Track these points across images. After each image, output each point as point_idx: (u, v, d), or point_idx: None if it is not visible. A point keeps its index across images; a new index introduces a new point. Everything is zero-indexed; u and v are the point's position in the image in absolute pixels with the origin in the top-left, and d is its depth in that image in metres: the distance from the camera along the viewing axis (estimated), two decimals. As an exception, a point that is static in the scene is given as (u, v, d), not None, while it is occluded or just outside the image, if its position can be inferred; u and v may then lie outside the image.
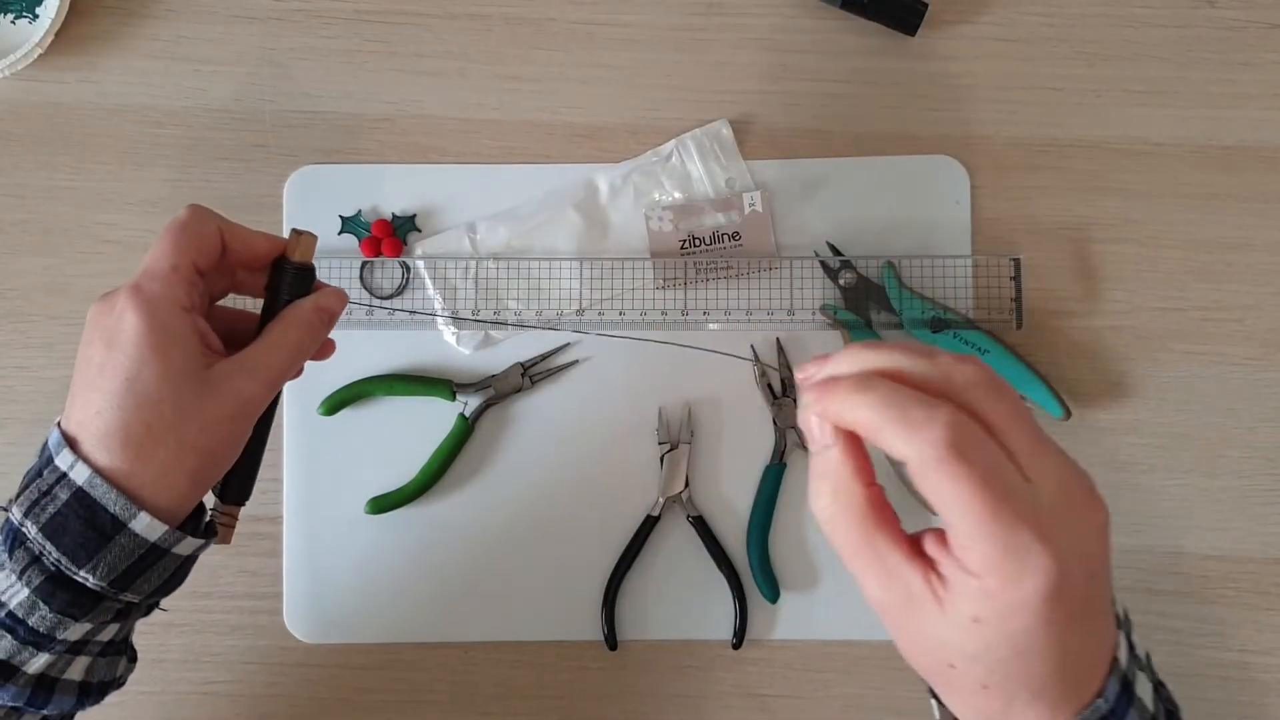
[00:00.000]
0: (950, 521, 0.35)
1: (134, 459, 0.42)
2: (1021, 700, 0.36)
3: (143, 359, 0.42)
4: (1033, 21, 0.65)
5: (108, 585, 0.43)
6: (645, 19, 0.65)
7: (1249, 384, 0.64)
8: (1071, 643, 0.36)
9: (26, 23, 0.64)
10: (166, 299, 0.43)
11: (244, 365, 0.45)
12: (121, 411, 0.42)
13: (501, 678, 0.64)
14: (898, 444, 0.35)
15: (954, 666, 0.37)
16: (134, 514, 0.42)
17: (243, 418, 0.45)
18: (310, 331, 0.47)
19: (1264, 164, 0.65)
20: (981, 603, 0.35)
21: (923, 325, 0.62)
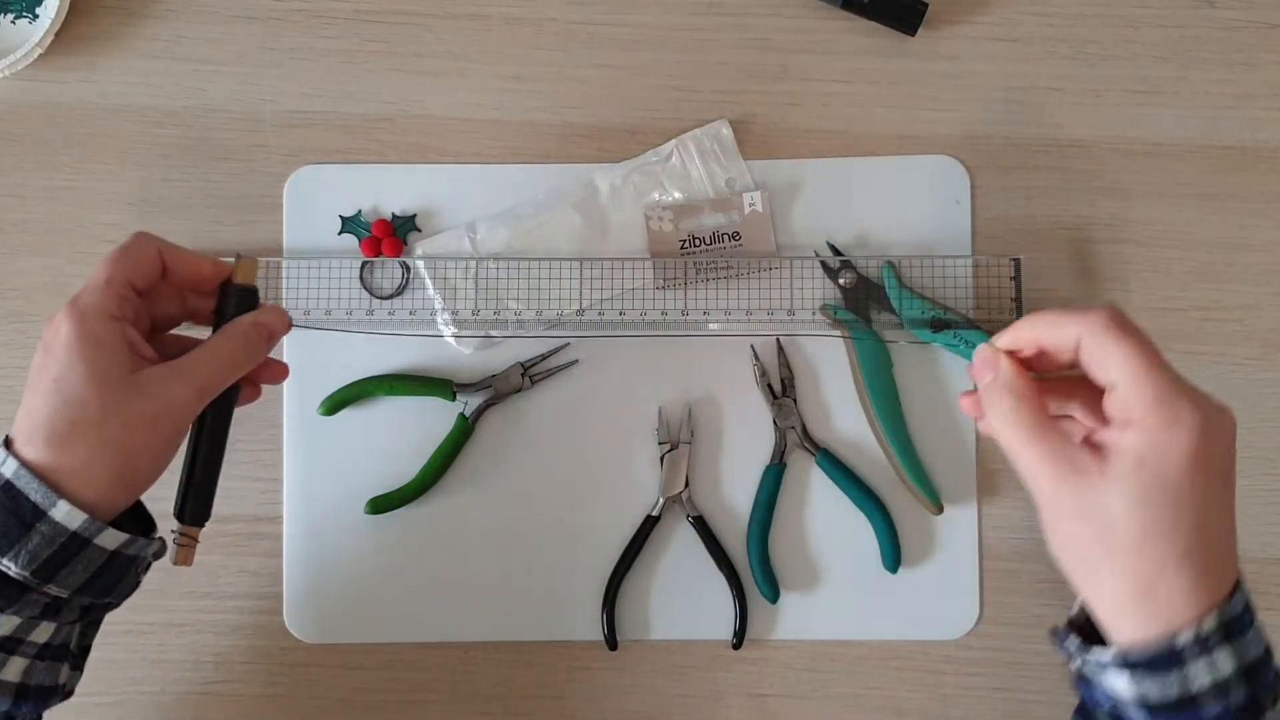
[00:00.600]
0: (1116, 379, 0.42)
1: (57, 453, 0.45)
2: (1172, 561, 0.41)
3: (69, 362, 0.46)
4: (1033, 21, 0.65)
5: (30, 575, 0.45)
6: (645, 19, 0.65)
7: (1249, 384, 0.64)
8: (1211, 509, 0.42)
9: (26, 23, 0.64)
10: (95, 308, 0.47)
11: (174, 370, 0.48)
12: (48, 409, 0.45)
13: (501, 678, 0.64)
14: (1072, 326, 0.43)
15: (1113, 530, 0.42)
16: (54, 502, 0.45)
17: (167, 419, 0.47)
18: (245, 345, 0.50)
19: (1264, 164, 0.65)
20: (1142, 446, 0.41)
21: (923, 325, 0.62)
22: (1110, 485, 0.42)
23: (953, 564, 0.63)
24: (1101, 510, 0.42)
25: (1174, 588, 0.41)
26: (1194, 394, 0.42)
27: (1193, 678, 0.41)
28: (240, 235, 0.64)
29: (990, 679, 0.63)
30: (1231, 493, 0.43)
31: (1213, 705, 0.41)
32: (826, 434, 0.64)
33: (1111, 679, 0.43)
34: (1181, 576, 0.41)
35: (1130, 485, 0.41)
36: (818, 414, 0.64)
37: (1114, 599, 0.43)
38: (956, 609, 0.64)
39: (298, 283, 0.64)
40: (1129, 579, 0.42)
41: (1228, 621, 0.42)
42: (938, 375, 0.64)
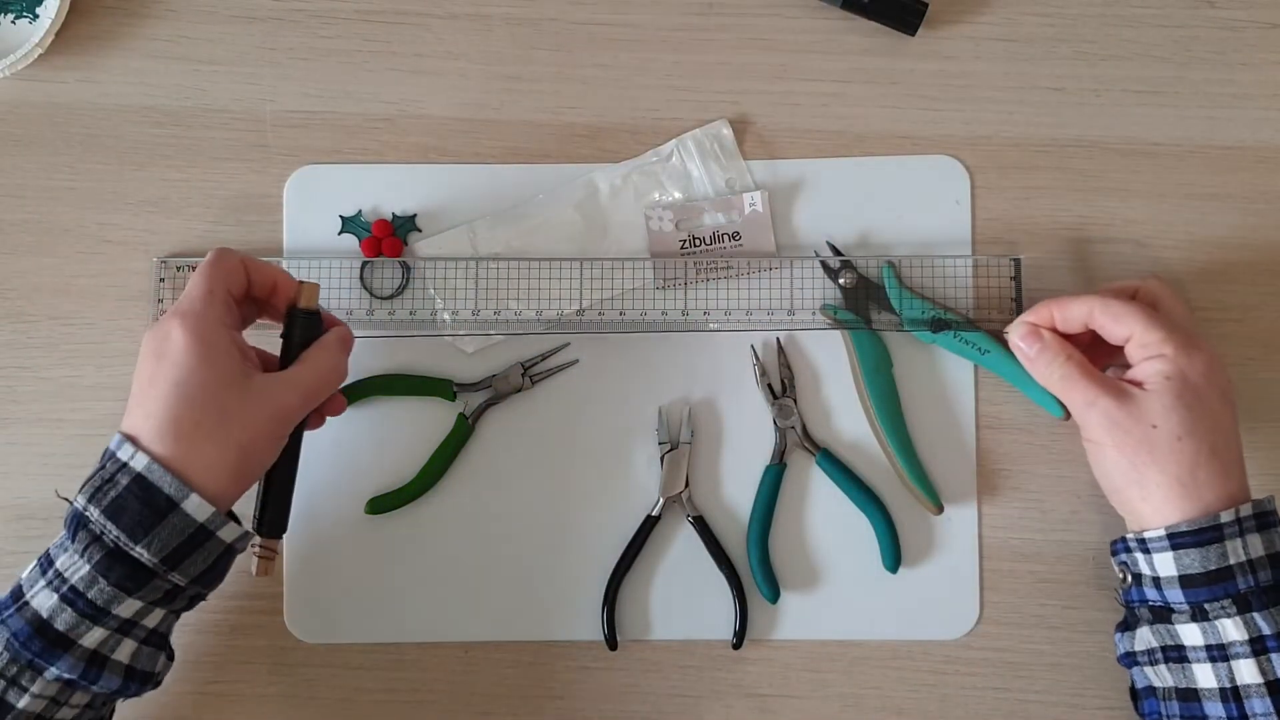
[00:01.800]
0: (1132, 329, 0.55)
1: (186, 449, 0.49)
2: (1205, 454, 0.53)
3: (190, 366, 0.50)
4: (1033, 21, 0.65)
5: (159, 561, 0.49)
6: (645, 19, 0.65)
7: (1249, 384, 0.64)
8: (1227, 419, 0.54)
9: (27, 23, 0.64)
10: (207, 316, 0.51)
11: (284, 379, 0.53)
12: (172, 410, 0.50)
13: (501, 678, 0.64)
14: (1084, 301, 0.56)
15: (1156, 427, 0.53)
16: (186, 495, 0.49)
17: (279, 422, 0.52)
18: (338, 356, 0.55)
19: (1264, 164, 0.65)
20: (1169, 367, 0.54)
21: (923, 325, 0.62)
22: (1151, 398, 0.53)
23: (953, 564, 0.63)
24: (1147, 418, 0.53)
25: (1209, 474, 0.53)
26: (1197, 337, 0.55)
27: (1230, 552, 0.51)
28: (240, 235, 0.64)
29: (990, 679, 0.63)
30: (1235, 415, 0.55)
31: (1243, 580, 0.51)
32: (826, 434, 0.64)
33: (1158, 562, 0.53)
34: (1213, 467, 0.53)
35: (1165, 395, 0.53)
36: (818, 414, 0.64)
37: (1162, 491, 0.53)
38: (956, 609, 0.64)
39: (298, 283, 0.63)
40: (1173, 469, 0.53)
41: (1261, 513, 0.53)
42: (938, 375, 0.64)
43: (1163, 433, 0.53)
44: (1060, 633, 0.63)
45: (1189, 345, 0.54)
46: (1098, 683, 0.63)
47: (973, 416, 0.64)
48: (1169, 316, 0.56)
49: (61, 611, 0.49)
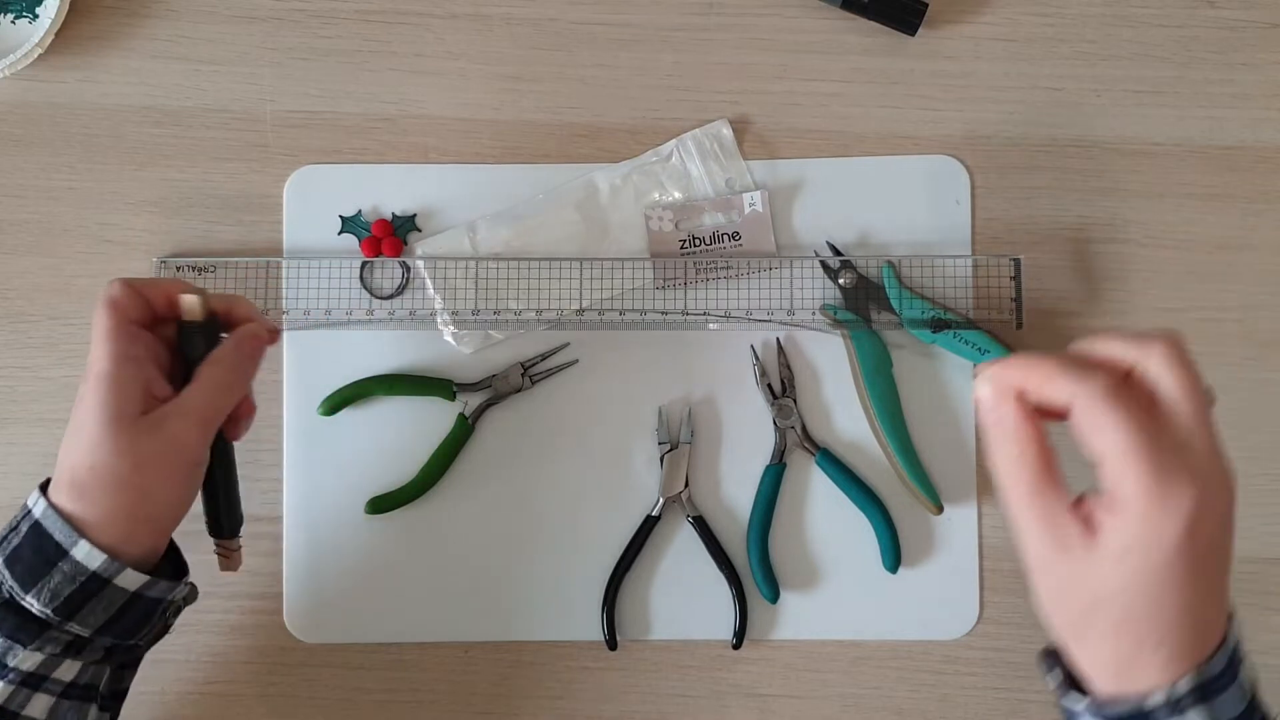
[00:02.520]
0: (1107, 453, 0.40)
1: (78, 498, 0.47)
2: (1149, 645, 0.41)
3: (89, 405, 0.47)
4: (1033, 21, 0.65)
5: (51, 612, 0.46)
6: (645, 19, 0.65)
7: (1249, 384, 0.64)
8: (1200, 587, 0.41)
9: (26, 23, 0.64)
10: (109, 351, 0.48)
11: (176, 408, 0.49)
12: (72, 455, 0.47)
13: (501, 678, 0.64)
14: (1067, 385, 0.41)
15: (1094, 609, 0.41)
16: (75, 541, 0.46)
17: (177, 456, 0.49)
18: (234, 369, 0.51)
19: (1264, 164, 0.65)
20: (1130, 531, 0.40)
21: (923, 325, 0.62)
22: (1095, 567, 0.41)
23: (953, 564, 0.63)
24: (1085, 588, 0.42)
25: (1151, 664, 0.41)
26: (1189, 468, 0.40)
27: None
28: (240, 235, 0.64)
29: (990, 679, 0.63)
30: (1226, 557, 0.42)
31: None
32: (826, 434, 0.64)
33: None
34: (1159, 655, 0.41)
35: (1114, 570, 0.41)
36: (818, 414, 0.64)
37: (1092, 663, 0.43)
38: (956, 609, 0.64)
39: (298, 283, 0.64)
40: (1107, 652, 0.42)
41: (1204, 683, 0.41)
42: (938, 375, 0.64)
43: (1102, 614, 0.41)
44: (1060, 633, 0.63)
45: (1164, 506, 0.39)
46: (1098, 683, 0.63)
47: (973, 416, 0.64)
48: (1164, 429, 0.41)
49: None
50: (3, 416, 0.64)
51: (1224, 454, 0.42)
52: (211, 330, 0.52)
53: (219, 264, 0.64)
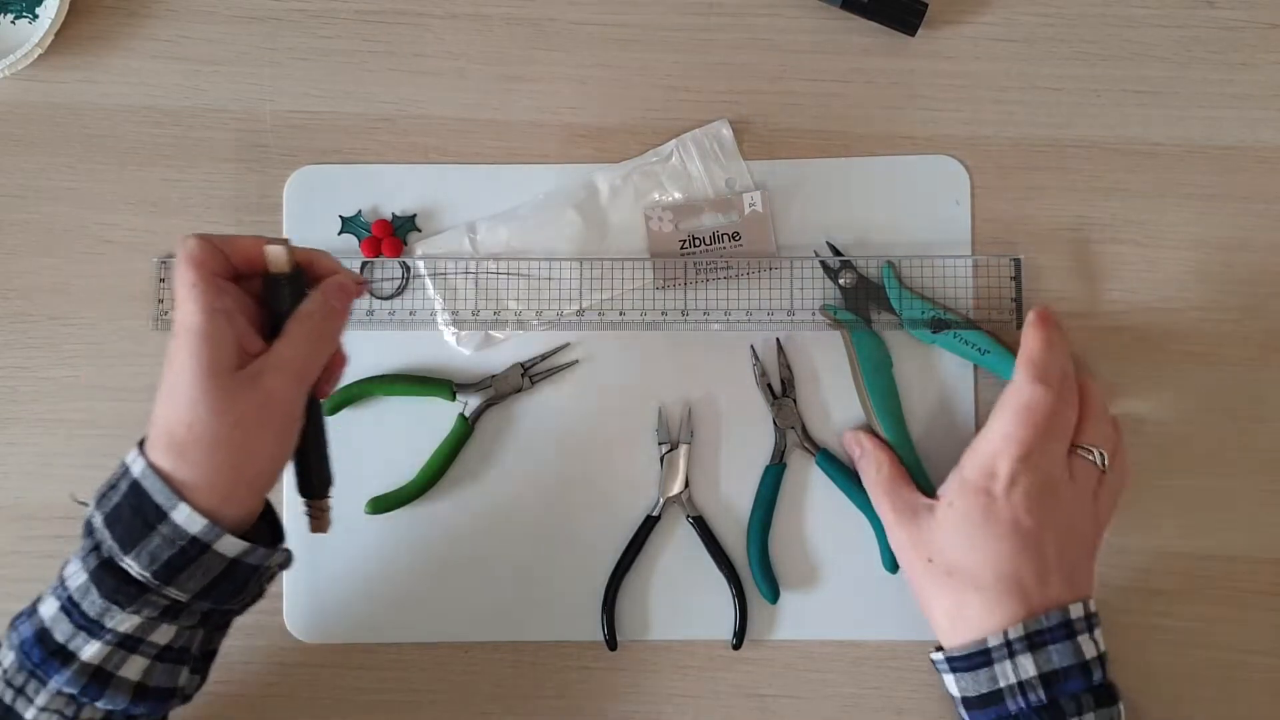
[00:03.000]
0: None
1: (177, 457, 0.46)
2: (969, 589, 0.53)
3: (182, 362, 0.46)
4: (1033, 21, 0.65)
5: (150, 575, 0.46)
6: (645, 19, 0.65)
7: (1248, 384, 0.64)
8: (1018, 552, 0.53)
9: (26, 23, 0.64)
10: (197, 306, 0.46)
11: (269, 362, 0.48)
12: (167, 414, 0.46)
13: (501, 678, 0.64)
14: None
15: (931, 560, 0.55)
16: (175, 504, 0.46)
17: (273, 412, 0.48)
18: (325, 321, 0.50)
19: (1263, 164, 0.65)
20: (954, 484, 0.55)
21: (923, 325, 0.62)
22: (933, 528, 0.56)
23: (952, 564, 0.63)
24: (927, 544, 0.56)
25: (974, 608, 0.53)
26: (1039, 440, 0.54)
27: (999, 675, 0.52)
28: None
29: (990, 679, 0.63)
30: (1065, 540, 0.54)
31: (1012, 701, 0.52)
32: (826, 434, 0.64)
33: (948, 682, 0.55)
34: (979, 600, 0.53)
35: (944, 528, 0.55)
36: (818, 414, 0.64)
37: (940, 616, 0.55)
38: (956, 609, 0.64)
39: (298, 283, 0.64)
40: (947, 599, 0.54)
41: (1032, 634, 0.52)
42: (938, 375, 0.64)
43: (938, 564, 0.55)
44: (1060, 633, 0.63)
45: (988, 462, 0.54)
46: (1097, 683, 0.63)
47: (972, 417, 0.64)
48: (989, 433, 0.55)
49: (60, 621, 0.47)
50: (3, 416, 0.64)
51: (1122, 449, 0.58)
52: (297, 283, 0.50)
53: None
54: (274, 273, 0.50)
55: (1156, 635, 0.63)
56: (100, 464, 0.63)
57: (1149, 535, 0.64)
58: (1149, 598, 0.63)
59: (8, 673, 0.48)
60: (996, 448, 0.54)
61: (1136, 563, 0.63)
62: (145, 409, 0.63)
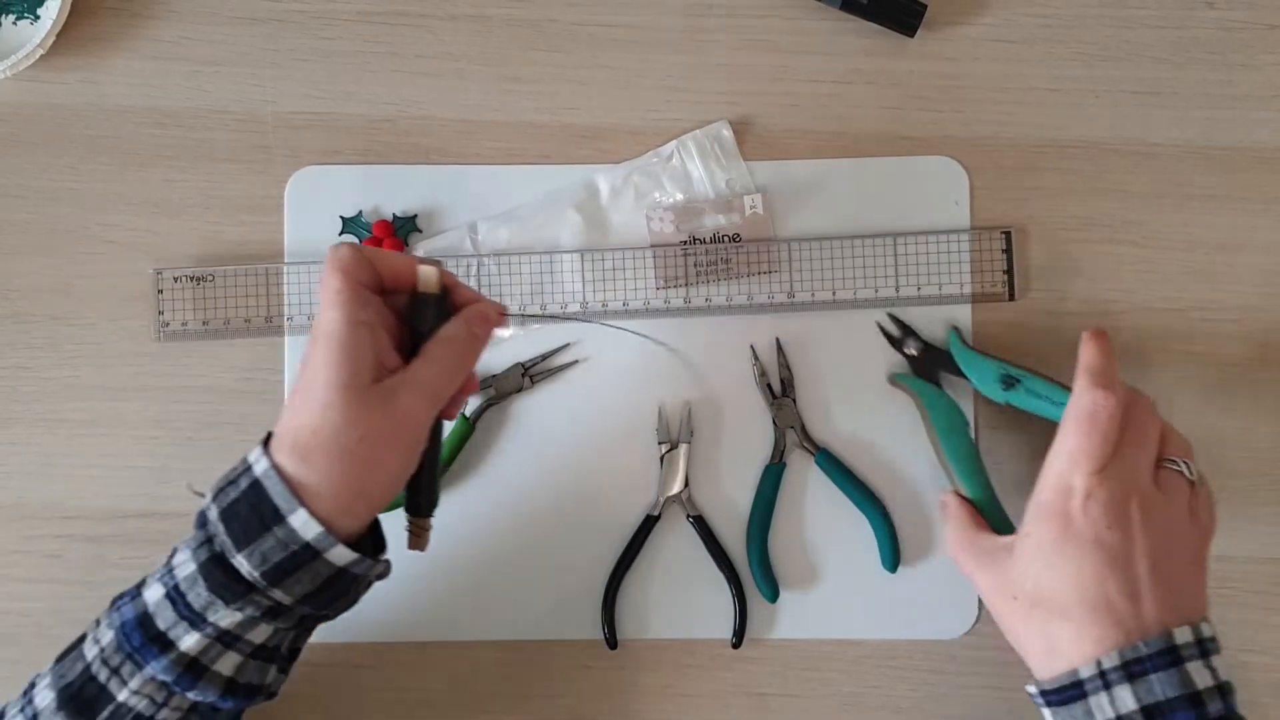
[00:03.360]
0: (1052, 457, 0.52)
1: (301, 461, 0.46)
2: (1056, 619, 0.50)
3: (318, 367, 0.46)
4: (1032, 22, 0.66)
5: (259, 575, 0.46)
6: (645, 19, 0.66)
7: (1247, 384, 0.64)
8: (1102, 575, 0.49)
9: (28, 24, 0.64)
10: (339, 315, 0.47)
11: (406, 381, 0.48)
12: (298, 417, 0.47)
13: (501, 678, 0.64)
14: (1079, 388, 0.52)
15: (1016, 598, 0.52)
16: (294, 509, 0.46)
17: (403, 430, 0.48)
18: (465, 346, 0.50)
19: (1263, 164, 0.65)
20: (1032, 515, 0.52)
21: (994, 384, 0.61)
22: (1012, 565, 0.52)
23: (953, 564, 0.63)
24: (1009, 583, 0.52)
25: (1064, 638, 0.49)
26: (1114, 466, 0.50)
27: (1094, 709, 0.48)
28: (242, 236, 0.64)
29: (990, 679, 0.63)
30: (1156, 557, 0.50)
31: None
32: (826, 434, 0.64)
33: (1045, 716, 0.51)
34: (1068, 628, 0.49)
35: (1022, 557, 0.52)
36: (818, 414, 0.64)
37: (1034, 654, 0.51)
38: (956, 609, 0.64)
39: (299, 287, 0.64)
40: (1037, 634, 0.51)
41: (1129, 662, 0.48)
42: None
43: (1021, 602, 0.51)
44: (1060, 632, 0.63)
45: (1060, 481, 0.51)
46: (1097, 682, 0.63)
47: (972, 416, 0.64)
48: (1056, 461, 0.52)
49: (163, 608, 0.47)
50: (3, 416, 0.64)
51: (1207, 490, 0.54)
52: (443, 305, 0.50)
53: (217, 272, 0.64)
54: (422, 292, 0.50)
55: (1156, 635, 0.63)
56: (100, 464, 0.64)
57: (1149, 535, 0.63)
58: (1149, 597, 0.63)
59: (105, 651, 0.48)
60: (1066, 464, 0.51)
61: (1136, 562, 0.63)
62: (145, 409, 0.64)
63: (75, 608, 0.63)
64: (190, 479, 0.64)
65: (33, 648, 0.63)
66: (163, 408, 0.64)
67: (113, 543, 0.63)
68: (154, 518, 0.64)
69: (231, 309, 0.64)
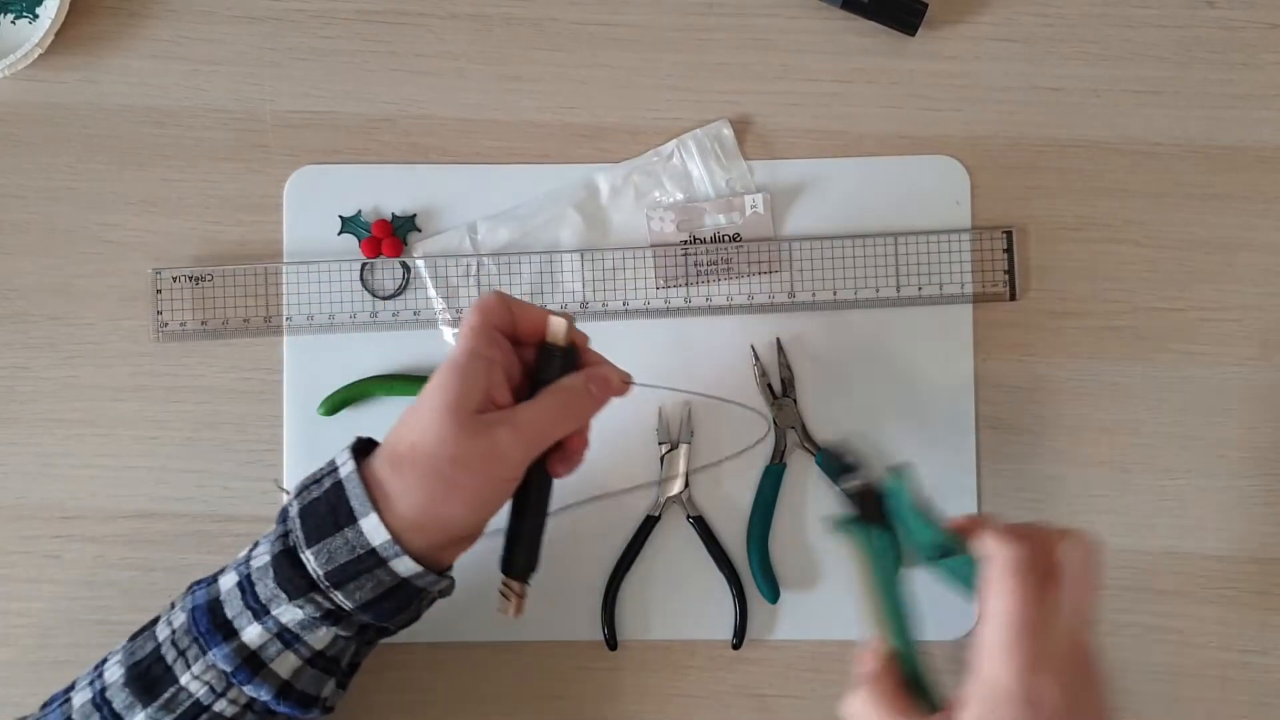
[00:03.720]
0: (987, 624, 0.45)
1: (392, 469, 0.48)
2: None
3: (429, 390, 0.48)
4: (1033, 21, 0.65)
5: (323, 575, 0.47)
6: (645, 19, 0.65)
7: (1248, 384, 0.64)
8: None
9: (26, 23, 0.64)
10: (465, 346, 0.49)
11: (508, 418, 0.49)
12: (400, 427, 0.49)
13: (501, 678, 0.64)
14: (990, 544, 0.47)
15: None
16: (366, 512, 0.47)
17: (493, 462, 0.48)
18: (576, 399, 0.51)
19: (1264, 164, 0.65)
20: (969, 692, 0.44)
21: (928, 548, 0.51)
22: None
23: (953, 564, 0.63)
24: None
25: None
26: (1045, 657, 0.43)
27: None
28: (240, 235, 0.64)
29: (990, 679, 0.63)
30: None
31: None
32: (827, 434, 0.64)
33: None
34: None
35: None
36: (818, 414, 0.64)
37: None
38: (956, 609, 0.63)
39: (298, 287, 0.64)
40: None
41: None
42: (937, 374, 0.64)
43: None
44: (1060, 633, 0.63)
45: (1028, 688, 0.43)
46: (1098, 683, 0.63)
47: (972, 416, 0.64)
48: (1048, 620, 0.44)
49: (233, 596, 0.49)
50: (3, 416, 0.64)
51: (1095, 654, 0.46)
52: (569, 359, 0.52)
53: (216, 272, 0.64)
54: (549, 343, 0.51)
55: (1156, 635, 0.63)
56: (100, 464, 0.64)
57: (1149, 535, 0.64)
58: (1149, 598, 0.63)
59: (176, 633, 0.50)
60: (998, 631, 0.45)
61: (1136, 563, 0.64)
62: (144, 409, 0.64)
63: (74, 608, 0.63)
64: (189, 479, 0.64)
65: (31, 648, 0.63)
66: (161, 408, 0.64)
67: (112, 543, 0.63)
68: (153, 518, 0.63)
69: (230, 309, 0.64)
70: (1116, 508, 0.64)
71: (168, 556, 0.63)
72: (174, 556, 0.63)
